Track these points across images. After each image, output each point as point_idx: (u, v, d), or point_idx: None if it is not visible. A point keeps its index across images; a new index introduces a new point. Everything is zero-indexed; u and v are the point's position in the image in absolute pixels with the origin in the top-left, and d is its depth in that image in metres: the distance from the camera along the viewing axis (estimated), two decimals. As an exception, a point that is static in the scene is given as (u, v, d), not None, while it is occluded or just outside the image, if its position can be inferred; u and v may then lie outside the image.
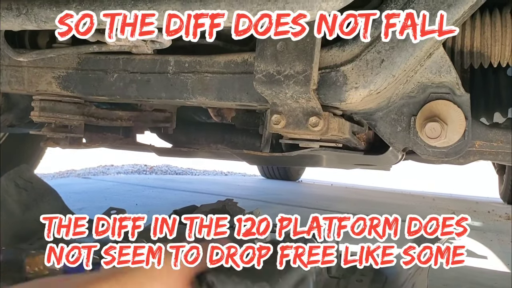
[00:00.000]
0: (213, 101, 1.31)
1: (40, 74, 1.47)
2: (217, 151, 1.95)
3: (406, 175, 7.74)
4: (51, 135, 1.57)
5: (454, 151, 1.21)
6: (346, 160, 1.84)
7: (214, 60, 1.28)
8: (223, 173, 8.25)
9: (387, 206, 4.92)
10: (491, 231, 3.86)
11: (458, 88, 1.17)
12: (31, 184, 2.12)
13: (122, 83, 1.38)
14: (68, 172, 6.47)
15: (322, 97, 1.15)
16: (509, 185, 5.77)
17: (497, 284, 2.37)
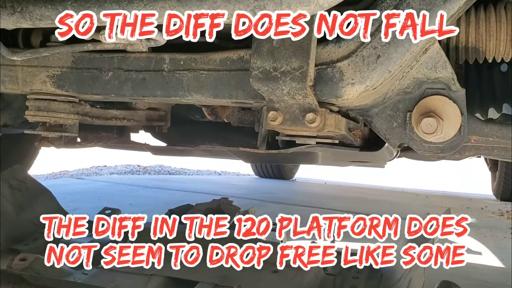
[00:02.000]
0: (209, 99, 1.30)
1: (34, 73, 1.46)
2: (212, 149, 1.95)
3: (399, 173, 7.77)
4: (46, 134, 1.56)
5: (450, 146, 1.21)
6: (342, 157, 1.84)
7: (210, 58, 1.28)
8: (217, 172, 8.24)
9: (380, 204, 4.94)
10: (485, 227, 3.89)
11: (454, 83, 1.17)
12: (25, 185, 2.11)
13: (117, 81, 1.37)
14: (61, 172, 6.44)
15: (319, 93, 1.15)
16: (502, 182, 5.80)
17: (492, 279, 2.38)
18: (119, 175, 6.63)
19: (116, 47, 1.31)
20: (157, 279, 1.44)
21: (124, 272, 1.44)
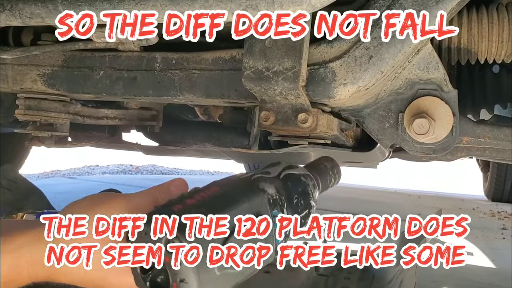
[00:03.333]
0: (201, 99, 1.30)
1: (25, 71, 1.44)
2: (204, 149, 1.94)
3: (392, 173, 7.78)
4: (36, 133, 1.54)
5: (442, 147, 1.21)
6: (334, 157, 1.84)
7: (202, 57, 1.27)
8: (210, 172, 8.22)
9: (373, 204, 4.95)
10: (476, 228, 3.91)
11: (446, 84, 1.17)
12: (15, 184, 2.10)
13: (108, 80, 1.36)
14: (53, 172, 6.41)
15: (311, 93, 1.15)
16: (493, 182, 5.83)
17: (484, 280, 2.39)
18: (111, 175, 6.61)
19: (108, 46, 1.30)
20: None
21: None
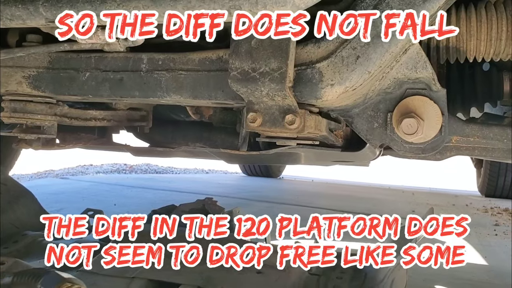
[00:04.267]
0: (188, 100, 1.28)
1: (10, 73, 1.43)
2: (194, 150, 1.93)
3: (385, 170, 7.80)
4: (23, 136, 1.53)
5: (431, 147, 1.20)
6: (324, 157, 1.83)
7: (188, 58, 1.26)
8: (204, 171, 8.21)
9: (367, 201, 4.95)
10: (469, 224, 3.90)
11: (435, 83, 1.16)
12: (5, 187, 2.07)
13: (94, 82, 1.35)
14: (46, 172, 6.38)
15: (298, 94, 1.14)
16: (487, 178, 5.85)
17: (475, 277, 2.39)
18: (105, 174, 6.59)
19: (93, 47, 1.28)
20: (138, 282, 1.42)
21: (105, 275, 1.42)
